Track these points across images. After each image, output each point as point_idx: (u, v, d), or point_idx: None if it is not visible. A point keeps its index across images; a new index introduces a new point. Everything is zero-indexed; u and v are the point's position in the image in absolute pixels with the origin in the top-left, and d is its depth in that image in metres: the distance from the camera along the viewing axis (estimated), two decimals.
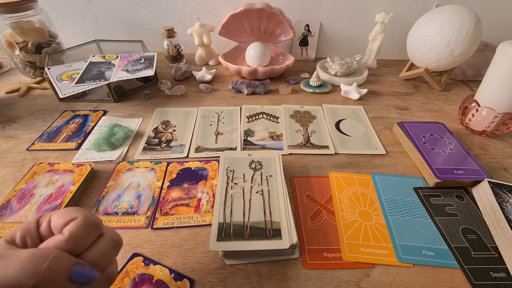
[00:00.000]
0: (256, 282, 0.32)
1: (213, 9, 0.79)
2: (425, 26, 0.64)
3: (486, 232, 0.37)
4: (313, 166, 0.47)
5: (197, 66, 0.79)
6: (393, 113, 0.62)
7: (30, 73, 0.69)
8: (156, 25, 0.81)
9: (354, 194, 0.42)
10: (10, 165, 0.45)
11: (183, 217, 0.38)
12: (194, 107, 0.61)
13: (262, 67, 0.68)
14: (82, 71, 0.62)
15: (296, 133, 0.54)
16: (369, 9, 0.78)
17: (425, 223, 0.39)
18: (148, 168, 0.45)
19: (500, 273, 0.33)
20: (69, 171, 0.43)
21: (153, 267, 0.33)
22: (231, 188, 0.38)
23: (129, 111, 0.59)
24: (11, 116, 0.56)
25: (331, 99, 0.66)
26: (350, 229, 0.37)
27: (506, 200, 0.39)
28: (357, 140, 0.53)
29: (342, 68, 0.69)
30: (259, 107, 0.62)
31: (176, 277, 0.33)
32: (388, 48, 0.85)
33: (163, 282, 0.32)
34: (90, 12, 0.78)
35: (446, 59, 0.63)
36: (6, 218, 0.36)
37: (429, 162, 0.45)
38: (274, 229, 0.33)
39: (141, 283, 0.32)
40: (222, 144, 0.51)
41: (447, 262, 0.34)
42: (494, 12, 0.79)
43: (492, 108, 0.51)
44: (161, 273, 0.33)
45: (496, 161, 0.50)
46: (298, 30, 0.80)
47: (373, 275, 0.33)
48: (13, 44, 0.64)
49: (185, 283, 0.32)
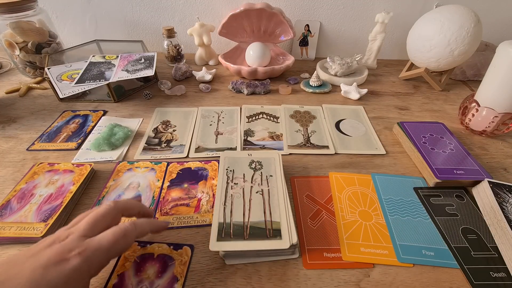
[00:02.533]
0: (256, 282, 0.32)
1: (213, 9, 0.79)
2: (425, 26, 0.64)
3: (486, 232, 0.37)
4: (313, 166, 0.47)
5: (197, 66, 0.79)
6: (393, 113, 0.62)
7: (30, 73, 0.69)
8: (156, 25, 0.81)
9: (354, 194, 0.42)
10: (10, 165, 0.45)
11: (183, 217, 0.38)
12: (194, 107, 0.61)
13: (262, 67, 0.68)
14: (82, 71, 0.62)
15: (296, 133, 0.54)
16: (369, 9, 0.78)
17: (425, 223, 0.39)
18: (148, 168, 0.45)
19: (500, 273, 0.33)
20: (69, 171, 0.43)
21: (150, 246, 0.34)
22: (231, 188, 0.38)
23: (129, 111, 0.59)
24: (11, 116, 0.56)
25: (331, 99, 0.66)
26: (350, 229, 0.37)
27: (506, 200, 0.39)
28: (357, 140, 0.53)
29: (342, 68, 0.69)
30: (259, 107, 0.62)
31: (175, 247, 0.34)
32: (388, 48, 0.85)
33: (165, 255, 0.33)
34: (90, 12, 0.78)
35: (446, 59, 0.63)
36: (6, 218, 0.36)
37: (429, 162, 0.45)
38: (274, 229, 0.33)
39: (143, 262, 0.33)
40: (222, 144, 0.51)
41: (447, 262, 0.34)
42: (494, 12, 0.79)
43: (492, 108, 0.51)
44: (160, 249, 0.34)
45: (496, 161, 0.50)
46: (298, 30, 0.80)
47: (373, 275, 0.33)
48: (13, 44, 0.64)
49: (186, 250, 0.34)
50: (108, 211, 0.29)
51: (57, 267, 0.23)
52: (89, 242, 0.25)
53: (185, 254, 0.34)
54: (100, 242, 0.25)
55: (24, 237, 0.34)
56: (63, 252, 0.24)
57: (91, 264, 0.24)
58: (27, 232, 0.34)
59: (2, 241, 0.34)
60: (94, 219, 0.27)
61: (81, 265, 0.24)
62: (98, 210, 0.28)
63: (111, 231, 0.27)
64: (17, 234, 0.34)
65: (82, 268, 0.24)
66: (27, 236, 0.34)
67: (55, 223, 0.36)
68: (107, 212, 0.28)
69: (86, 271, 0.24)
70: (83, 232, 0.26)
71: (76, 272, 0.23)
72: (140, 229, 0.29)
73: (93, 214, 0.28)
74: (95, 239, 0.26)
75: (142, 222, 0.30)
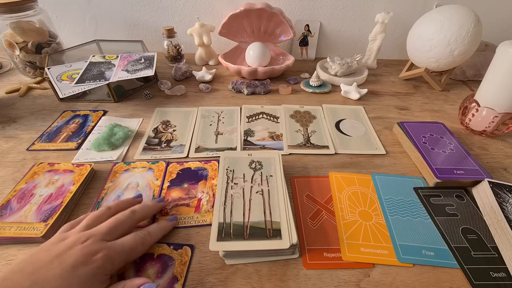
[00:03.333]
0: (256, 282, 0.32)
1: (213, 9, 0.79)
2: (425, 26, 0.64)
3: (486, 232, 0.37)
4: (313, 166, 0.47)
5: (197, 66, 0.79)
6: (393, 113, 0.62)
7: (30, 73, 0.69)
8: (156, 25, 0.81)
9: (354, 194, 0.42)
10: (10, 165, 0.45)
11: (183, 217, 0.38)
12: (194, 107, 0.61)
13: (262, 67, 0.68)
14: (82, 71, 0.62)
15: (296, 133, 0.54)
16: (369, 9, 0.78)
17: (425, 223, 0.39)
18: (146, 168, 0.45)
19: (500, 273, 0.33)
20: (69, 171, 0.43)
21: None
22: (231, 188, 0.38)
23: (129, 111, 0.59)
24: (11, 116, 0.56)
25: (331, 99, 0.66)
26: (350, 229, 0.37)
27: (506, 200, 0.39)
28: (357, 140, 0.53)
29: (342, 68, 0.69)
30: (259, 107, 0.62)
31: (175, 247, 0.34)
32: (388, 48, 0.85)
33: (165, 255, 0.33)
34: (90, 12, 0.78)
35: (446, 59, 0.63)
36: (6, 218, 0.36)
37: (429, 162, 0.45)
38: (274, 229, 0.33)
39: (143, 262, 0.33)
40: (222, 144, 0.51)
41: (447, 262, 0.34)
42: (494, 12, 0.79)
43: (492, 108, 0.51)
44: (160, 249, 0.34)
45: (496, 161, 0.50)
46: (298, 30, 0.80)
47: (373, 275, 0.33)
48: (13, 44, 0.64)
49: (186, 250, 0.34)
50: (127, 220, 0.32)
51: (85, 266, 0.26)
52: (113, 244, 0.29)
53: (185, 254, 0.34)
54: (123, 246, 0.30)
55: (24, 237, 0.34)
56: (89, 253, 0.27)
57: (114, 264, 0.28)
58: (27, 232, 0.34)
59: (2, 241, 0.34)
60: (115, 224, 0.31)
61: (106, 264, 0.28)
62: (119, 217, 0.32)
63: (132, 238, 0.31)
64: (17, 234, 0.34)
65: (107, 266, 0.28)
66: (27, 236, 0.34)
67: (55, 223, 0.36)
68: (126, 220, 0.32)
69: (109, 269, 0.28)
70: (104, 236, 0.29)
71: (102, 269, 0.27)
72: (155, 236, 0.34)
73: (114, 219, 0.32)
74: (118, 243, 0.30)
75: (156, 230, 0.34)
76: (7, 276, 0.25)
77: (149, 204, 0.36)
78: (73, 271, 0.26)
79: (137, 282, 0.28)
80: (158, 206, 0.37)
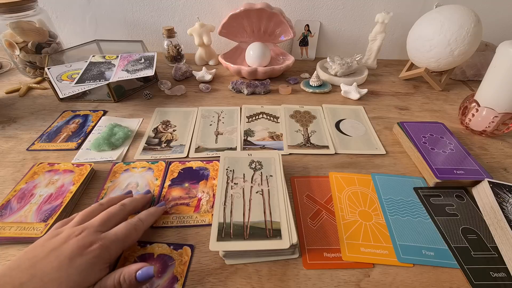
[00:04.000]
0: (256, 282, 0.32)
1: (213, 9, 0.79)
2: (425, 26, 0.64)
3: (486, 232, 0.37)
4: (313, 166, 0.47)
5: (197, 66, 0.79)
6: (393, 113, 0.62)
7: (30, 73, 0.69)
8: (156, 25, 0.81)
9: (354, 194, 0.42)
10: (10, 165, 0.45)
11: (183, 216, 0.38)
12: (194, 107, 0.61)
13: (262, 67, 0.68)
14: (82, 71, 0.62)
15: (296, 133, 0.54)
16: (369, 9, 0.78)
17: (425, 223, 0.39)
18: (145, 168, 0.45)
19: (500, 273, 0.33)
20: (69, 171, 0.43)
21: (150, 246, 0.34)
22: (231, 188, 0.38)
23: (129, 111, 0.59)
24: (11, 116, 0.56)
25: (331, 99, 0.66)
26: (350, 229, 0.37)
27: (506, 200, 0.39)
28: (357, 140, 0.53)
29: (342, 68, 0.69)
30: (259, 107, 0.62)
31: (175, 247, 0.34)
32: (388, 48, 0.85)
33: (165, 255, 0.34)
34: (90, 12, 0.78)
35: (446, 59, 0.63)
36: (6, 218, 0.36)
37: (429, 162, 0.45)
38: (274, 229, 0.33)
39: (143, 262, 0.32)
40: (222, 144, 0.51)
41: (447, 262, 0.34)
42: (494, 12, 0.79)
43: (492, 108, 0.51)
44: (160, 249, 0.34)
45: (496, 161, 0.50)
46: (298, 30, 0.80)
47: (373, 275, 0.33)
48: (13, 44, 0.64)
49: (186, 250, 0.34)
50: (119, 212, 0.33)
51: (82, 257, 0.27)
52: (107, 235, 0.30)
53: (185, 254, 0.34)
54: (117, 234, 0.30)
55: (24, 237, 0.34)
56: (84, 245, 0.28)
57: (111, 253, 0.29)
58: (27, 232, 0.34)
59: (2, 241, 0.34)
60: (107, 217, 0.32)
61: (103, 253, 0.28)
62: (111, 210, 0.33)
63: (124, 226, 0.31)
64: (17, 234, 0.34)
65: (104, 255, 0.28)
66: (27, 236, 0.34)
67: (55, 223, 0.36)
68: (118, 212, 0.33)
69: (107, 258, 0.29)
70: (97, 227, 0.30)
71: (99, 258, 0.28)
72: (146, 222, 0.34)
73: (106, 212, 0.32)
74: (112, 232, 0.30)
75: (146, 216, 0.35)
76: (5, 273, 0.25)
77: (137, 197, 0.38)
78: (70, 262, 0.26)
79: (134, 267, 0.28)
80: (146, 198, 0.39)
